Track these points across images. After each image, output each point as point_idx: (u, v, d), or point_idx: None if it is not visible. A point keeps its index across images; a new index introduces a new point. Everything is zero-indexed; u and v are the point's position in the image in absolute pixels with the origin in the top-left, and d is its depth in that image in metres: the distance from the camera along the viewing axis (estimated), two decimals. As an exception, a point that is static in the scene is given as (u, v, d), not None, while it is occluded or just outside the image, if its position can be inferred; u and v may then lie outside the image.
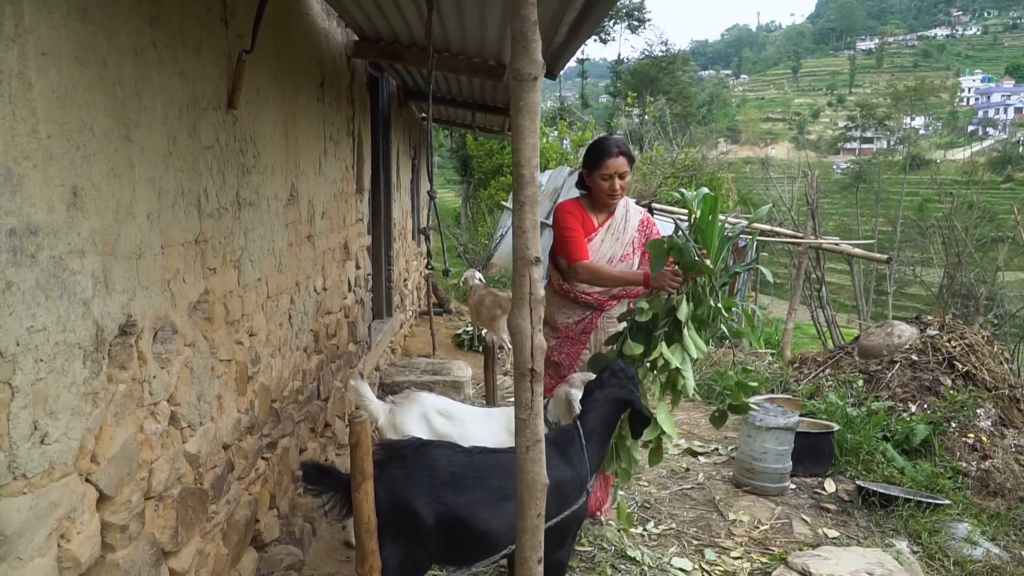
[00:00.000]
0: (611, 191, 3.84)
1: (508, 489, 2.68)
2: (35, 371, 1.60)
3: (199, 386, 2.51)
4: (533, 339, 1.65)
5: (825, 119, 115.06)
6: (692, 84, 79.33)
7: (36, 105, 1.60)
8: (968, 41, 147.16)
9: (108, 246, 1.90)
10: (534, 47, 1.61)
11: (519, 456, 1.71)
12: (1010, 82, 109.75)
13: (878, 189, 58.98)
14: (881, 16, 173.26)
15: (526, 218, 1.63)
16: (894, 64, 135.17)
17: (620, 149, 3.84)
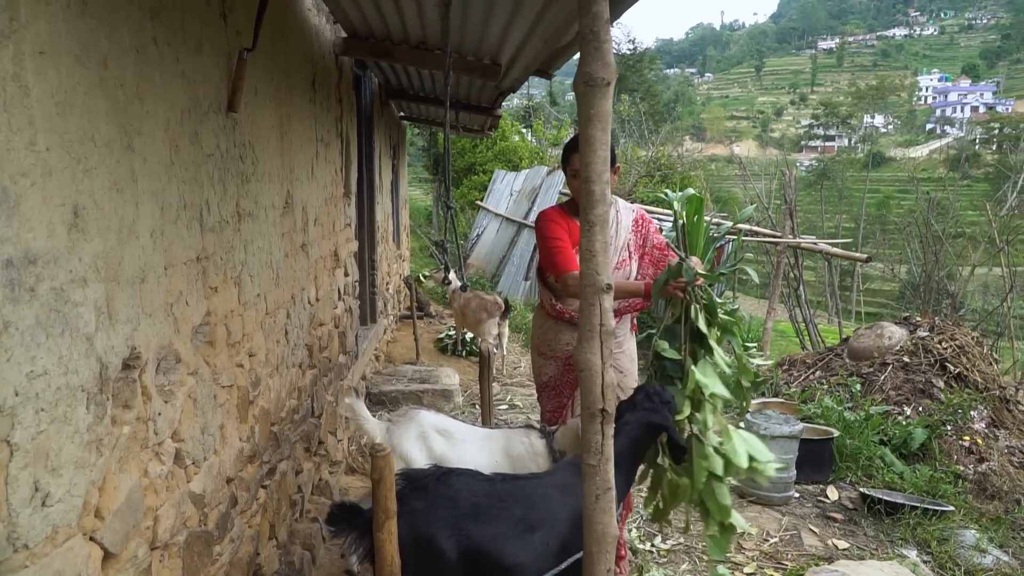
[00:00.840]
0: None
1: (534, 520, 2.52)
2: (35, 423, 1.37)
3: (203, 418, 2.28)
4: (604, 376, 1.46)
5: (788, 117, 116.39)
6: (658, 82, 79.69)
7: (34, 113, 1.37)
8: (925, 41, 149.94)
9: (111, 271, 1.67)
10: (607, 48, 1.42)
11: (587, 505, 1.52)
12: (966, 81, 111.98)
13: (842, 187, 59.88)
14: (841, 16, 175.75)
15: (596, 240, 1.44)
16: (854, 63, 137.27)
17: None
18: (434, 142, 23.19)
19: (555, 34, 3.66)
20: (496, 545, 2.44)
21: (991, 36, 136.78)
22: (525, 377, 8.03)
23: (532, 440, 3.30)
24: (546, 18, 3.40)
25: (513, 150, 21.28)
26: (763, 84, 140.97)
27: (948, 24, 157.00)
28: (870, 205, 59.19)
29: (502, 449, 3.33)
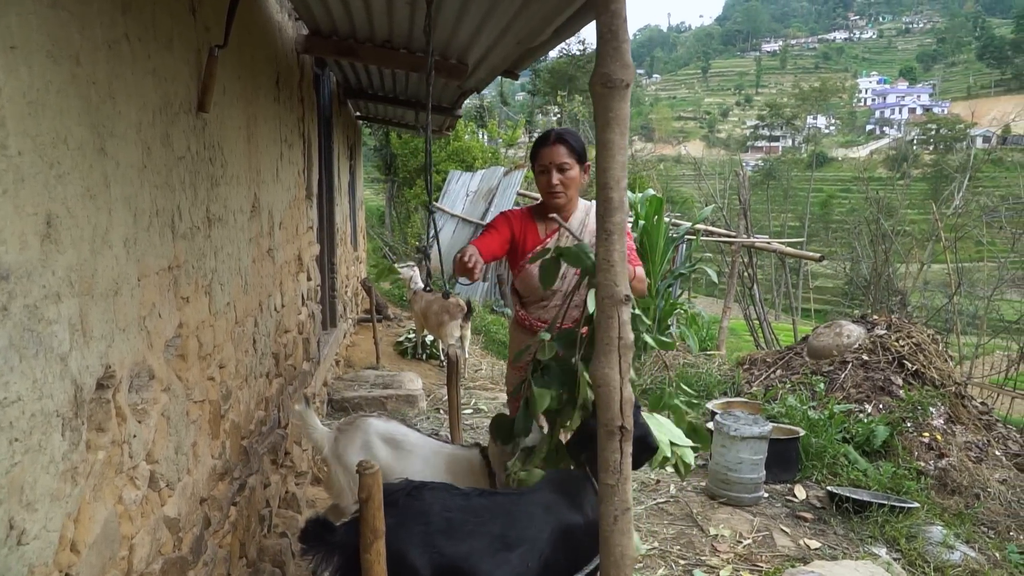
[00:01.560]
0: (549, 187, 3.20)
1: (512, 537, 2.40)
2: (10, 455, 1.25)
3: (176, 436, 2.15)
4: (622, 391, 1.39)
5: (734, 118, 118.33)
6: (607, 83, 79.95)
7: (5, 113, 1.25)
8: (865, 44, 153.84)
9: (85, 285, 1.54)
10: (625, 48, 1.35)
11: (604, 527, 1.45)
12: (904, 84, 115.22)
13: (787, 186, 61.01)
14: (784, 19, 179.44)
15: (614, 249, 1.37)
16: (797, 66, 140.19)
17: (558, 136, 3.22)
18: (387, 142, 22.92)
19: (530, 34, 3.59)
20: (470, 562, 2.32)
21: (927, 40, 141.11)
22: (488, 380, 7.95)
23: (472, 460, 3.23)
24: (522, 18, 3.32)
25: (467, 150, 21.14)
26: (709, 85, 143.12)
27: (886, 28, 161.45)
28: (814, 204, 60.57)
29: (445, 464, 3.25)
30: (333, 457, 3.40)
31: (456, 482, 3.10)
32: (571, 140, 3.22)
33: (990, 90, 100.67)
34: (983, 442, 6.55)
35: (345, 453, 3.29)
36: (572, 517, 2.50)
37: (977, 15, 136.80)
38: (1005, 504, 5.87)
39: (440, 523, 2.36)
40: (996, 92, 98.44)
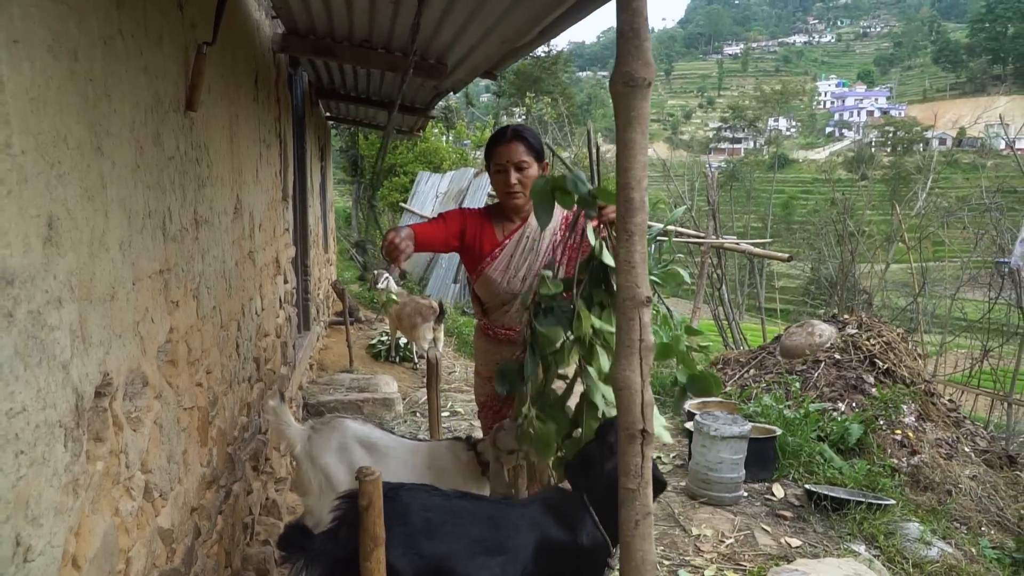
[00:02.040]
0: (507, 187, 3.01)
1: (493, 543, 2.32)
2: (15, 469, 1.19)
3: (168, 445, 2.09)
4: (643, 394, 1.37)
5: (697, 120, 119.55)
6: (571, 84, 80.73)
7: (9, 110, 1.19)
8: (824, 48, 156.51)
9: (84, 289, 1.49)
10: (647, 46, 1.33)
11: (625, 532, 1.43)
12: (862, 87, 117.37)
13: (749, 187, 61.76)
14: (745, 23, 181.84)
15: (635, 251, 1.35)
16: (758, 68, 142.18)
17: (515, 133, 3.04)
18: (353, 143, 22.74)
19: (516, 34, 3.56)
20: (450, 564, 2.26)
21: (884, 44, 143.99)
22: (463, 383, 7.90)
23: (457, 452, 3.17)
24: (510, 17, 3.29)
25: (435, 151, 21.06)
26: (672, 88, 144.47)
27: (844, 32, 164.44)
28: (776, 205, 61.43)
29: (427, 463, 3.19)
30: (305, 456, 3.33)
31: (442, 477, 3.04)
32: (529, 137, 3.06)
33: (945, 93, 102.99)
34: (953, 439, 6.67)
35: (320, 454, 3.23)
36: (561, 536, 2.41)
37: (933, 19, 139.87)
38: (976, 500, 5.98)
39: (419, 523, 2.29)
40: (951, 95, 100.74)
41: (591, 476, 2.50)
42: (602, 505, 2.44)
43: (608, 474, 2.37)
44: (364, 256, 18.35)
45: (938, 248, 17.59)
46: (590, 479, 2.50)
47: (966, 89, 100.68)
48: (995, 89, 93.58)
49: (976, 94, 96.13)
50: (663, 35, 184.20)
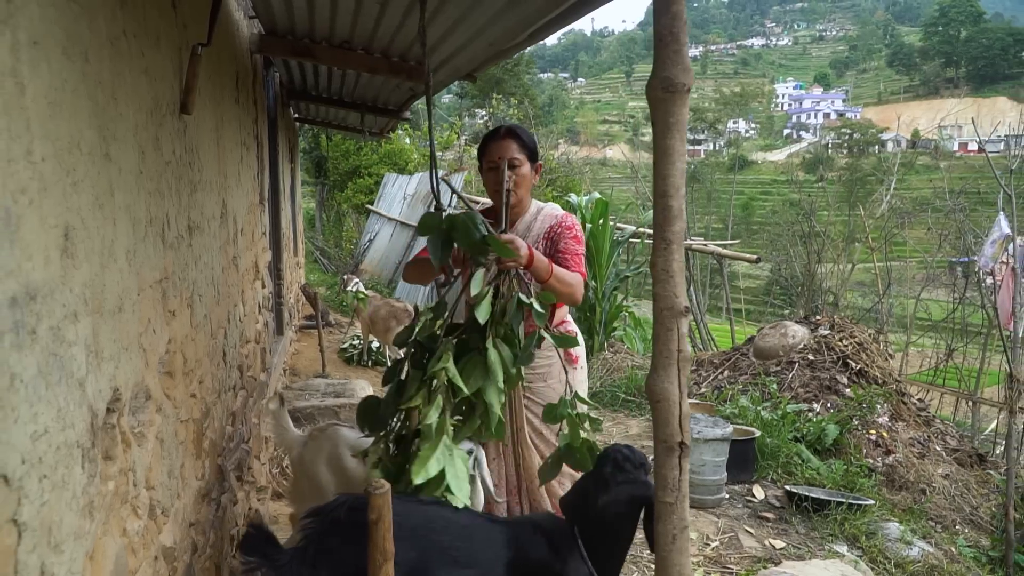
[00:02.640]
0: (498, 185, 2.91)
1: (461, 552, 2.19)
2: (39, 494, 1.13)
3: (169, 460, 2.02)
4: (681, 406, 1.35)
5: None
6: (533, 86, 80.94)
7: (30, 115, 1.13)
8: (781, 51, 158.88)
9: (96, 302, 1.42)
10: (686, 51, 1.31)
11: (661, 547, 1.40)
12: (819, 89, 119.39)
13: (710, 189, 62.45)
14: (704, 25, 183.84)
15: (673, 260, 1.33)
16: (717, 71, 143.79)
17: (509, 131, 3.00)
18: (316, 144, 22.49)
19: (505, 37, 3.53)
20: (416, 570, 2.11)
21: (840, 47, 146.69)
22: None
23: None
24: (501, 20, 3.26)
25: (400, 152, 20.90)
26: (633, 89, 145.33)
27: (801, 35, 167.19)
28: (736, 206, 62.19)
29: None
30: (299, 463, 3.33)
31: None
32: (522, 135, 3.00)
33: (900, 95, 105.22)
34: (924, 438, 6.78)
35: (312, 462, 3.21)
36: (539, 559, 2.29)
37: (887, 23, 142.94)
38: (949, 498, 6.09)
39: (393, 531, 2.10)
40: (905, 98, 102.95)
41: (583, 509, 2.38)
42: (593, 539, 2.35)
43: (601, 508, 2.30)
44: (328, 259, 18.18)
45: (899, 248, 17.93)
46: (582, 512, 2.38)
47: (920, 92, 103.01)
48: (948, 92, 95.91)
49: (929, 96, 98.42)
50: (623, 37, 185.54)
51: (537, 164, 3.05)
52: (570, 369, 2.96)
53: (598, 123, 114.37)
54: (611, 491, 2.31)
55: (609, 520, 2.32)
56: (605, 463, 2.39)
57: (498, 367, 2.33)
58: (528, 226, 3.05)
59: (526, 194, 3.04)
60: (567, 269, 2.86)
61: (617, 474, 2.33)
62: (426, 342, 2.50)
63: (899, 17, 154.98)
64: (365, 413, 2.54)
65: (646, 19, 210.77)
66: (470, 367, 2.34)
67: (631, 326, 9.88)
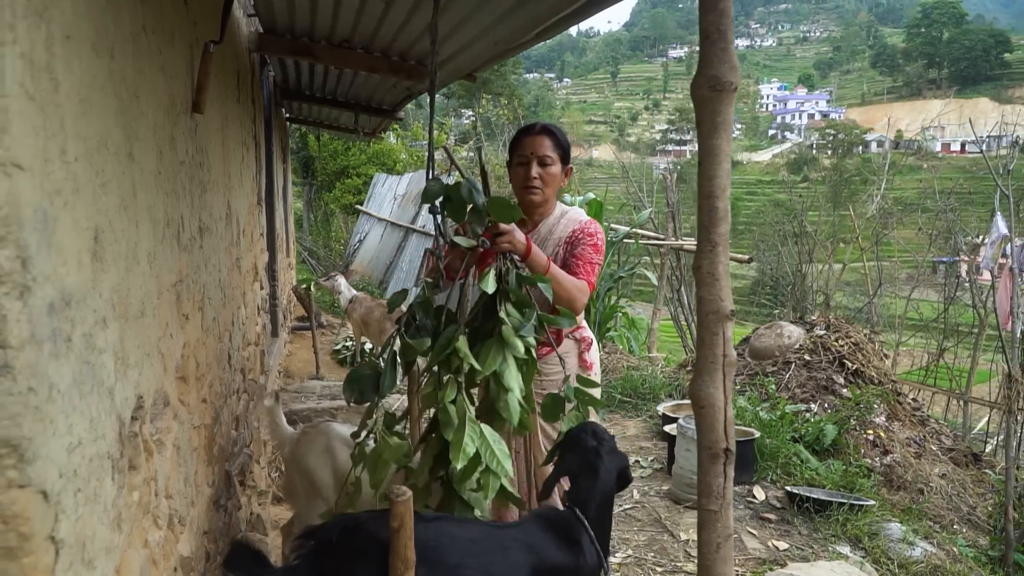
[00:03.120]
0: (526, 180, 2.83)
1: (473, 570, 2.04)
2: (75, 508, 1.08)
3: (185, 467, 1.97)
4: (726, 412, 1.32)
5: (643, 122, 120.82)
6: (519, 86, 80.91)
7: (64, 113, 1.08)
8: (765, 52, 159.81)
9: (122, 307, 1.37)
10: (732, 49, 1.28)
11: (705, 556, 1.37)
12: (803, 90, 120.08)
13: (696, 189, 62.52)
14: (689, 26, 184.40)
15: (719, 263, 1.30)
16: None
17: (544, 127, 2.92)
18: (304, 144, 22.38)
19: (512, 36, 3.49)
20: None
21: (824, 48, 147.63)
22: (434, 388, 7.78)
23: None
24: (510, 19, 3.22)
25: (388, 152, 20.82)
26: (619, 90, 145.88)
27: (785, 36, 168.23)
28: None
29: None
30: (291, 460, 3.29)
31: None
32: (558, 135, 2.92)
33: (883, 96, 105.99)
34: (920, 438, 6.80)
35: (304, 458, 3.16)
36: (562, 559, 2.18)
37: (870, 24, 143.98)
38: (946, 498, 6.10)
39: (386, 554, 1.94)
40: (889, 98, 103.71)
41: (584, 489, 2.27)
42: (596, 519, 2.24)
43: (602, 482, 2.23)
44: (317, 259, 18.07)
45: (887, 248, 18.05)
46: (583, 492, 2.27)
47: (903, 93, 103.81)
48: (931, 92, 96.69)
49: (912, 97, 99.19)
50: (608, 38, 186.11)
51: (568, 168, 2.95)
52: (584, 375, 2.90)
53: (584, 123, 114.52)
54: (604, 463, 2.24)
55: (607, 497, 2.28)
56: (582, 444, 2.30)
57: (514, 340, 2.26)
58: (551, 229, 2.95)
59: (552, 195, 2.94)
60: (575, 275, 2.78)
61: (603, 446, 2.26)
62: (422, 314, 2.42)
63: (882, 18, 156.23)
64: (355, 382, 2.44)
65: (631, 20, 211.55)
66: (484, 351, 2.27)
67: (625, 326, 9.86)
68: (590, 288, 2.77)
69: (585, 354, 2.91)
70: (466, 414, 2.20)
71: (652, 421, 6.95)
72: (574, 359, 2.86)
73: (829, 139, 75.36)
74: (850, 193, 41.78)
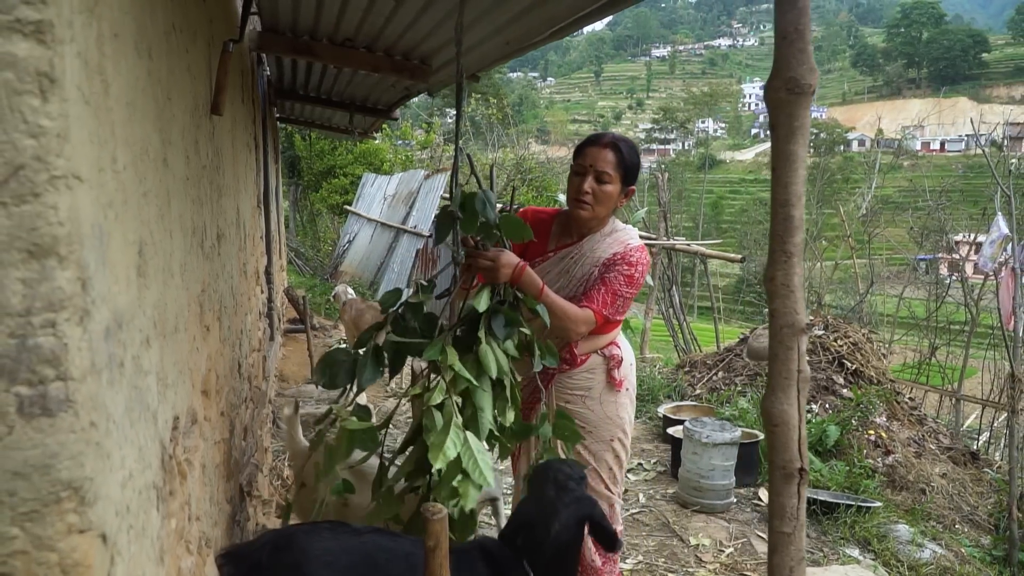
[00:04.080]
0: (578, 192, 2.66)
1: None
2: (128, 547, 1.00)
3: (210, 486, 1.88)
4: (800, 430, 1.25)
5: (627, 121, 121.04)
6: (503, 85, 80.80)
7: (114, 119, 1.00)
8: (747, 51, 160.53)
9: (162, 324, 1.29)
10: (810, 49, 1.20)
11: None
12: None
13: (681, 188, 62.89)
14: (672, 26, 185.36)
15: (794, 274, 1.23)
16: (685, 71, 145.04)
17: (613, 142, 2.70)
18: (290, 144, 22.19)
19: (526, 35, 3.42)
20: None
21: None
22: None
23: None
24: (527, 18, 3.14)
25: (375, 152, 20.67)
26: (603, 89, 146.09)
27: (767, 36, 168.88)
28: (705, 205, 62.65)
29: None
30: (299, 478, 3.22)
31: None
32: (625, 152, 2.68)
33: (864, 96, 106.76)
34: (919, 437, 6.79)
35: (310, 477, 3.08)
36: None
37: (851, 25, 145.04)
38: (947, 498, 6.09)
39: (320, 570, 1.83)
40: (869, 98, 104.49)
41: (533, 539, 2.13)
42: (546, 567, 2.11)
43: (555, 538, 2.07)
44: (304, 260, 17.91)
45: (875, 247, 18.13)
46: (531, 542, 2.12)
47: (883, 92, 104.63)
48: (910, 92, 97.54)
49: (892, 97, 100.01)
50: (592, 37, 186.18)
51: (630, 189, 2.76)
52: (612, 394, 2.81)
53: (568, 122, 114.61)
54: (560, 517, 2.08)
55: (562, 546, 2.11)
56: (545, 485, 2.17)
57: (489, 361, 2.19)
58: (593, 247, 2.77)
59: (605, 213, 2.74)
60: (590, 299, 2.64)
61: (563, 496, 2.12)
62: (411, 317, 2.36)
63: (862, 19, 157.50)
64: (328, 366, 2.33)
65: (614, 19, 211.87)
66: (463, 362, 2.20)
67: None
68: (597, 317, 2.61)
69: (615, 371, 2.78)
70: (452, 420, 2.11)
71: (652, 423, 6.90)
72: (602, 375, 2.77)
73: (811, 138, 75.81)
74: (832, 192, 41.93)
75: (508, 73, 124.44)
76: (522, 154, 19.23)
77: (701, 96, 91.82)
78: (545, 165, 18.42)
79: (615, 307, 2.67)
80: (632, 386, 2.92)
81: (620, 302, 2.68)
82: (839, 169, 56.78)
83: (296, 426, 3.36)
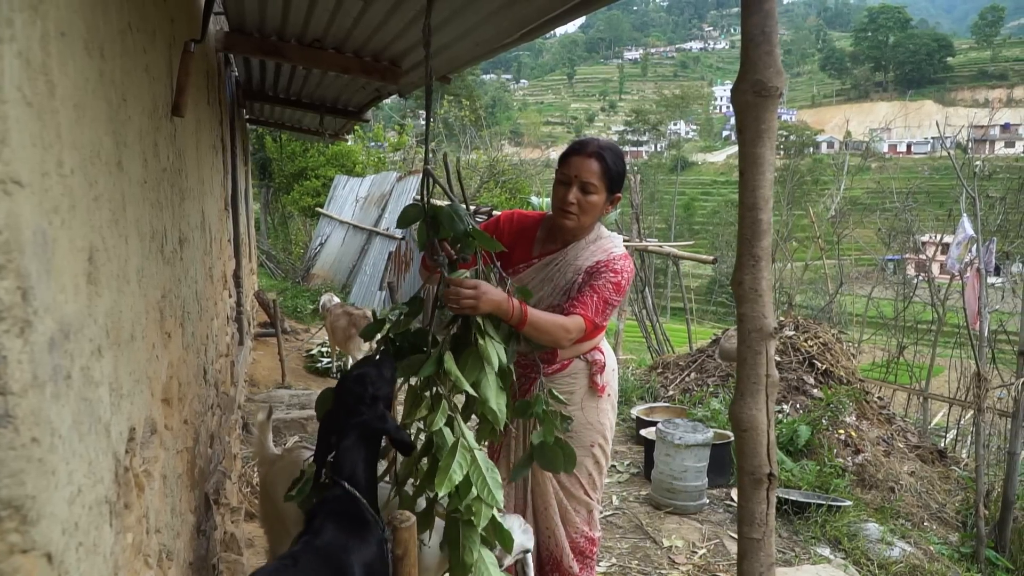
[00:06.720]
0: (563, 203, 2.61)
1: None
2: (76, 566, 0.96)
3: (171, 497, 1.83)
4: (769, 435, 1.24)
5: (599, 123, 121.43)
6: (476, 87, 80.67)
7: (60, 120, 0.96)
8: (718, 54, 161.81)
9: (115, 332, 1.25)
10: (778, 52, 1.20)
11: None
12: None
13: (653, 190, 63.20)
14: (644, 28, 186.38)
15: (762, 278, 1.22)
16: (657, 73, 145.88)
17: (598, 150, 2.64)
18: (261, 146, 21.97)
19: (496, 37, 3.40)
20: None
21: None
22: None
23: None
24: (497, 19, 3.12)
25: (347, 154, 20.54)
26: (575, 91, 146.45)
27: (737, 39, 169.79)
28: (678, 207, 63.06)
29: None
30: (263, 485, 3.19)
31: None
32: (610, 161, 2.62)
33: (832, 99, 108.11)
34: (888, 436, 6.87)
35: (273, 485, 3.04)
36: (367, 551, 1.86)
37: (819, 28, 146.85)
38: (916, 495, 6.16)
39: None
40: (837, 101, 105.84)
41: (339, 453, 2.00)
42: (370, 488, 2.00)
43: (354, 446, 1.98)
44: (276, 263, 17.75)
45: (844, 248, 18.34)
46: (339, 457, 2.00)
47: (851, 95, 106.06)
48: (878, 95, 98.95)
49: (860, 100, 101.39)
50: (565, 39, 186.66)
51: (616, 197, 2.72)
52: (594, 399, 2.79)
53: (541, 124, 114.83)
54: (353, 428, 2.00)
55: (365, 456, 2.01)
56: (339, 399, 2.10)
57: (492, 354, 2.22)
58: (576, 254, 2.72)
59: (589, 223, 2.71)
60: (582, 303, 2.59)
61: (357, 407, 2.02)
62: (401, 339, 2.38)
63: (830, 23, 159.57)
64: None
65: (587, 22, 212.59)
66: (463, 360, 2.24)
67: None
68: (587, 323, 2.57)
69: (597, 376, 2.76)
70: (459, 440, 2.09)
71: (626, 424, 6.90)
72: (584, 380, 2.75)
73: (781, 140, 76.59)
74: (802, 194, 42.30)
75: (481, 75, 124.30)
76: (495, 156, 19.20)
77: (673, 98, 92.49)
78: (518, 167, 18.38)
79: (604, 314, 2.66)
80: (614, 392, 2.90)
81: (608, 309, 2.67)
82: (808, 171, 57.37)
83: (267, 432, 3.32)
